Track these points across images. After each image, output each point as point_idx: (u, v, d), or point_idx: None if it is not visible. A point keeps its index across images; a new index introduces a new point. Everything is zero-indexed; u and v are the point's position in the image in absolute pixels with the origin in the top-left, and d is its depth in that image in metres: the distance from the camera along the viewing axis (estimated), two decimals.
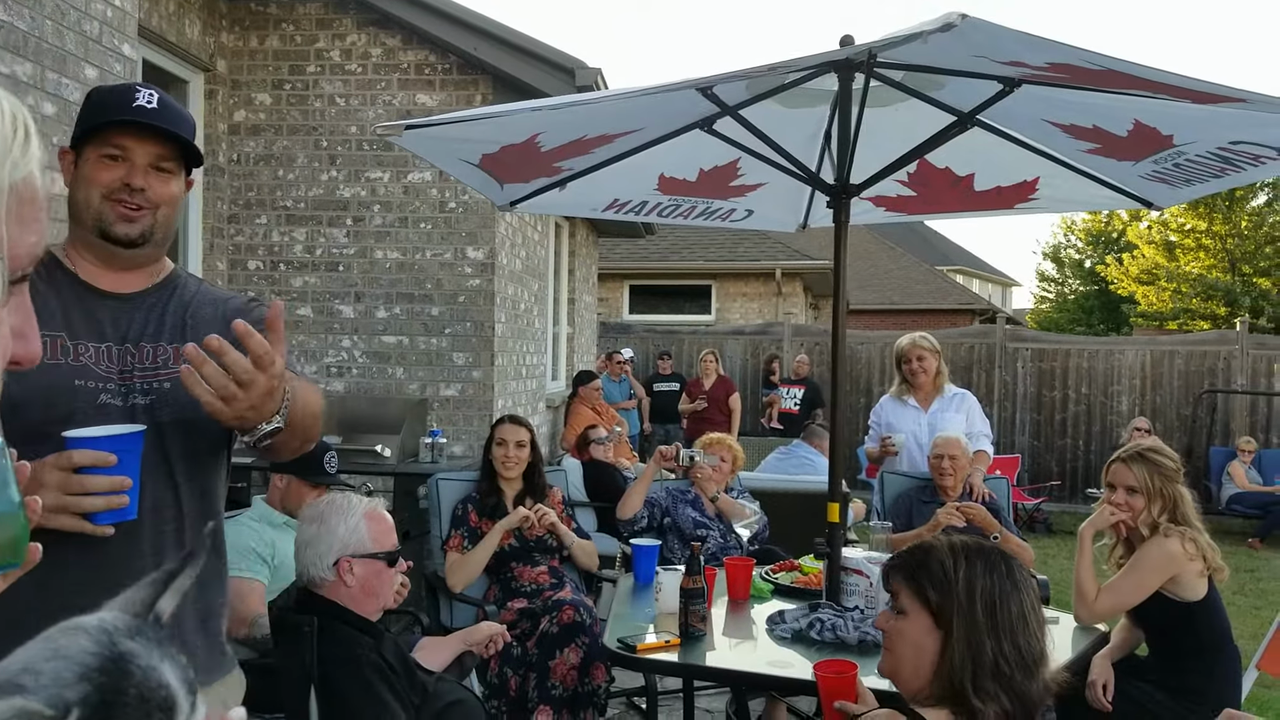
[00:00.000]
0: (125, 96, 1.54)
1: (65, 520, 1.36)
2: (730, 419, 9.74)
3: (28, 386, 1.40)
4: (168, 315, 1.62)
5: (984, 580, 1.64)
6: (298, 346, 5.51)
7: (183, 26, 5.00)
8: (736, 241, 15.62)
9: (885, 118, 3.28)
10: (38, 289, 1.47)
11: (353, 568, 2.22)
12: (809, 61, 2.64)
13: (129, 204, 1.52)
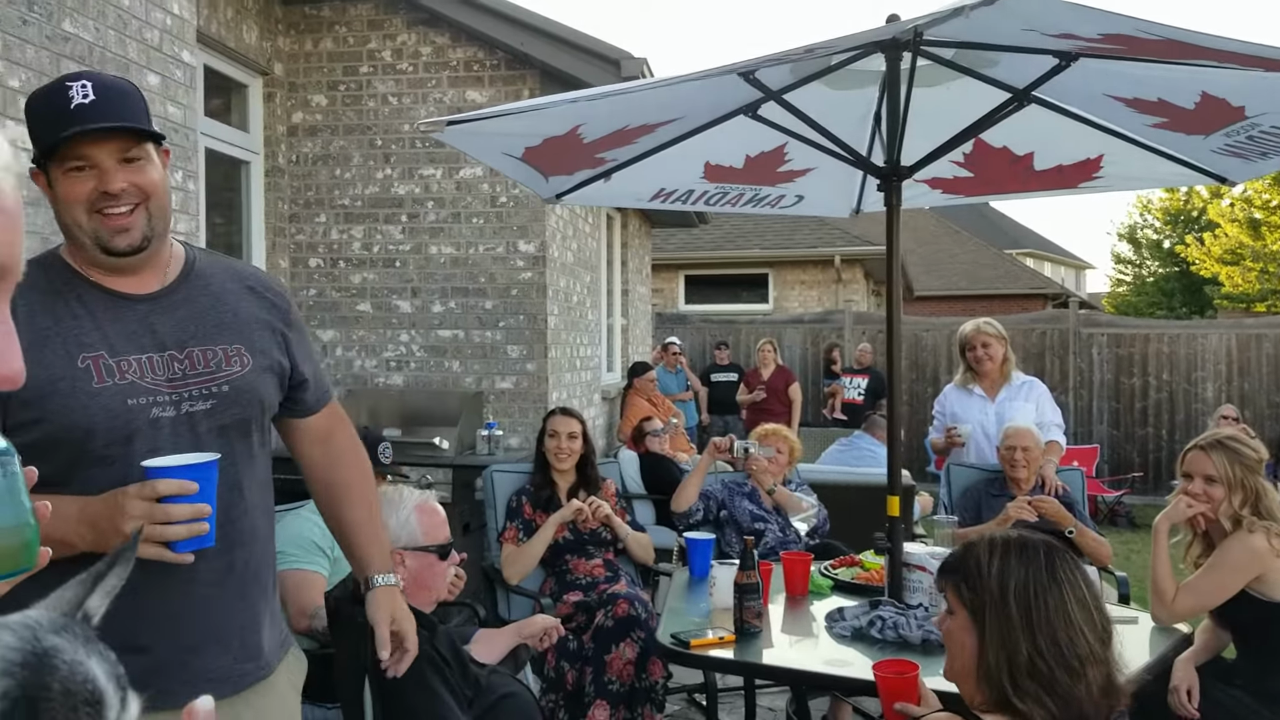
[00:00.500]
0: (59, 99, 1.43)
1: (149, 549, 1.37)
2: (790, 410, 9.63)
3: (86, 416, 1.42)
4: (205, 311, 1.59)
5: (1018, 574, 1.57)
6: (358, 342, 5.59)
7: (241, 32, 5.08)
8: (793, 229, 15.42)
9: (937, 97, 3.19)
10: (67, 306, 1.48)
11: (404, 560, 2.24)
12: (851, 42, 2.57)
13: (115, 211, 1.45)
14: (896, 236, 3.02)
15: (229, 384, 1.57)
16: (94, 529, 1.38)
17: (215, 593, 1.55)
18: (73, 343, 1.45)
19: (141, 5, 3.44)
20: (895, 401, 3.02)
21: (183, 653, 1.52)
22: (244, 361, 1.59)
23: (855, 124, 3.38)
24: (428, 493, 2.41)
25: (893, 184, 3.00)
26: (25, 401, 1.40)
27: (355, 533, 1.82)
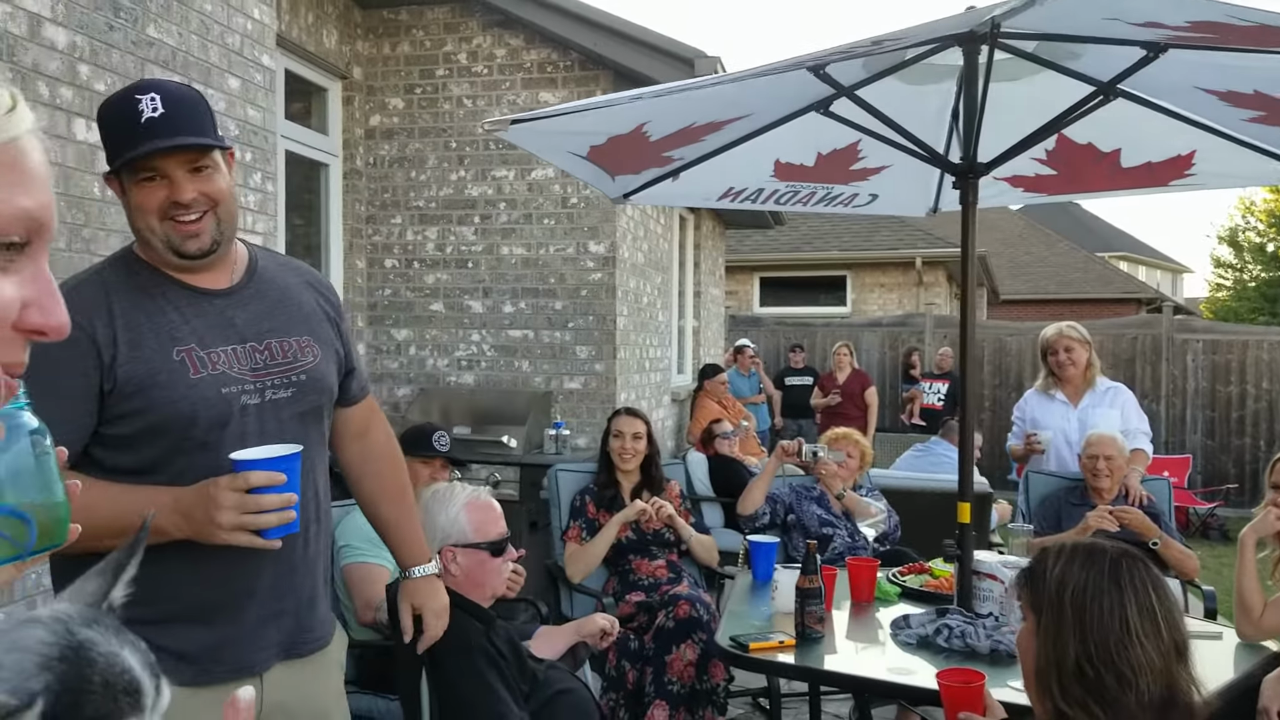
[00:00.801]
0: (130, 111, 1.49)
1: (242, 537, 1.45)
2: (866, 414, 9.45)
3: (186, 405, 1.51)
4: (275, 306, 1.67)
5: (1078, 577, 1.52)
6: (431, 341, 5.67)
7: (321, 37, 5.21)
8: (873, 230, 15.17)
9: (1018, 92, 3.08)
10: (155, 302, 1.56)
11: (456, 557, 2.24)
12: (925, 35, 2.50)
13: (186, 218, 1.52)
14: (972, 236, 2.92)
15: (305, 373, 1.67)
16: (188, 519, 1.46)
17: (287, 568, 1.65)
18: (165, 337, 1.53)
19: (223, 10, 3.54)
20: (968, 406, 2.92)
21: (260, 623, 1.63)
22: (315, 353, 1.69)
23: (931, 120, 3.29)
24: (481, 489, 2.41)
25: (969, 181, 2.91)
26: (127, 394, 1.49)
27: (389, 529, 1.92)
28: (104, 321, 1.49)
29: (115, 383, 1.48)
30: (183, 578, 1.54)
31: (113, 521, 1.41)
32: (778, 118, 3.19)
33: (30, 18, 2.68)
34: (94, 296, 1.51)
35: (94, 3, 2.91)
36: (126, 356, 1.49)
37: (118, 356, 1.49)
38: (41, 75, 2.72)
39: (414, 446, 3.20)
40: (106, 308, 1.51)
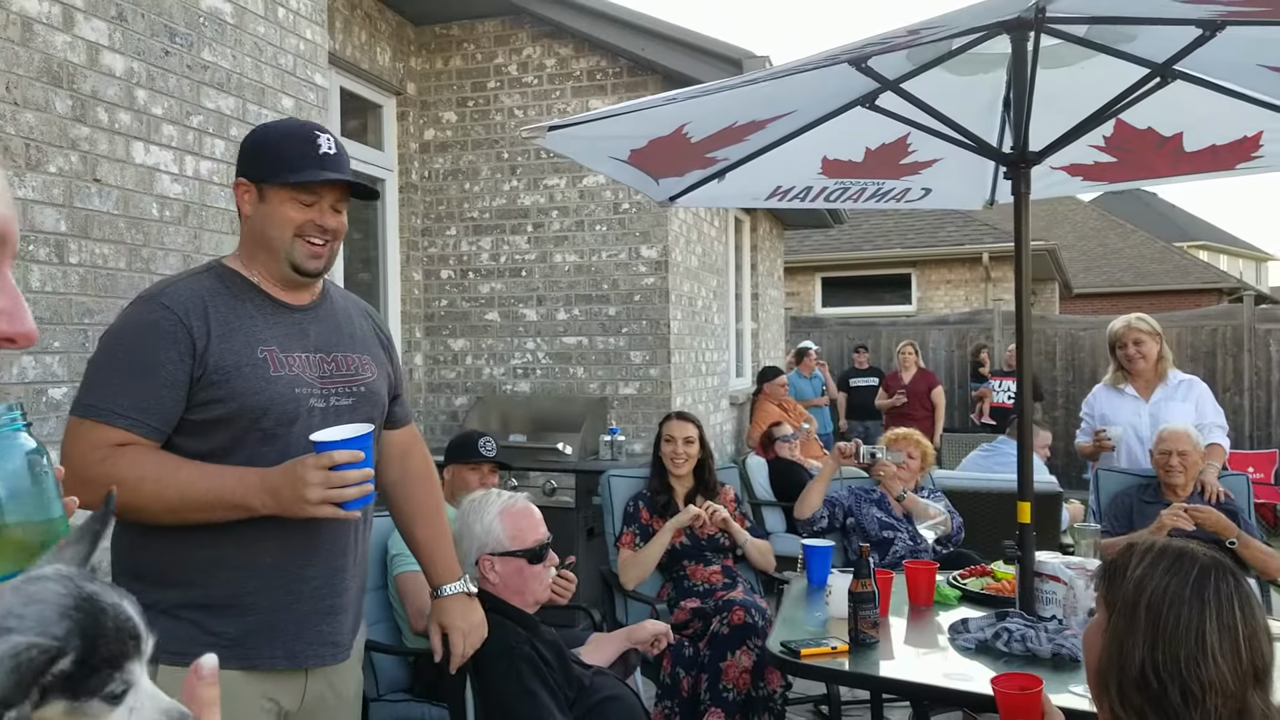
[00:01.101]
0: (310, 144, 1.70)
1: (326, 509, 1.59)
2: (933, 414, 9.26)
3: (264, 397, 1.66)
4: (341, 326, 1.86)
5: (1159, 582, 1.44)
6: (487, 350, 5.72)
7: (374, 54, 5.30)
8: (937, 225, 14.89)
9: (1071, 77, 2.99)
10: (244, 307, 1.71)
11: (494, 565, 2.25)
12: (964, 23, 2.43)
13: (316, 241, 1.72)
14: (1026, 227, 2.84)
15: (364, 386, 1.84)
16: (275, 495, 1.61)
17: (339, 565, 1.79)
18: (252, 336, 1.70)
19: (276, 33, 3.63)
20: (1025, 402, 2.83)
21: (310, 617, 1.75)
22: (373, 370, 1.87)
23: (983, 110, 3.22)
24: (517, 495, 2.41)
25: (1020, 171, 2.82)
26: (214, 382, 1.64)
27: (422, 548, 2.05)
28: (199, 316, 1.66)
29: (204, 370, 1.63)
30: (238, 566, 1.67)
31: (209, 494, 1.61)
32: (822, 114, 3.14)
33: (89, 46, 2.78)
34: (191, 295, 1.68)
35: (150, 29, 3.01)
36: (216, 348, 1.65)
37: (209, 347, 1.64)
38: (100, 101, 2.82)
39: (460, 453, 3.23)
40: (202, 305, 1.67)
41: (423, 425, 5.73)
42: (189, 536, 1.64)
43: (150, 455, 1.62)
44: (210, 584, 1.66)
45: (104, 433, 1.59)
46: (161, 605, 1.65)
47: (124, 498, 1.56)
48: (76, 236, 2.74)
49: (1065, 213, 24.40)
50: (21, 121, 2.56)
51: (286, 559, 1.70)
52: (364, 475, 1.61)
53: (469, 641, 2.01)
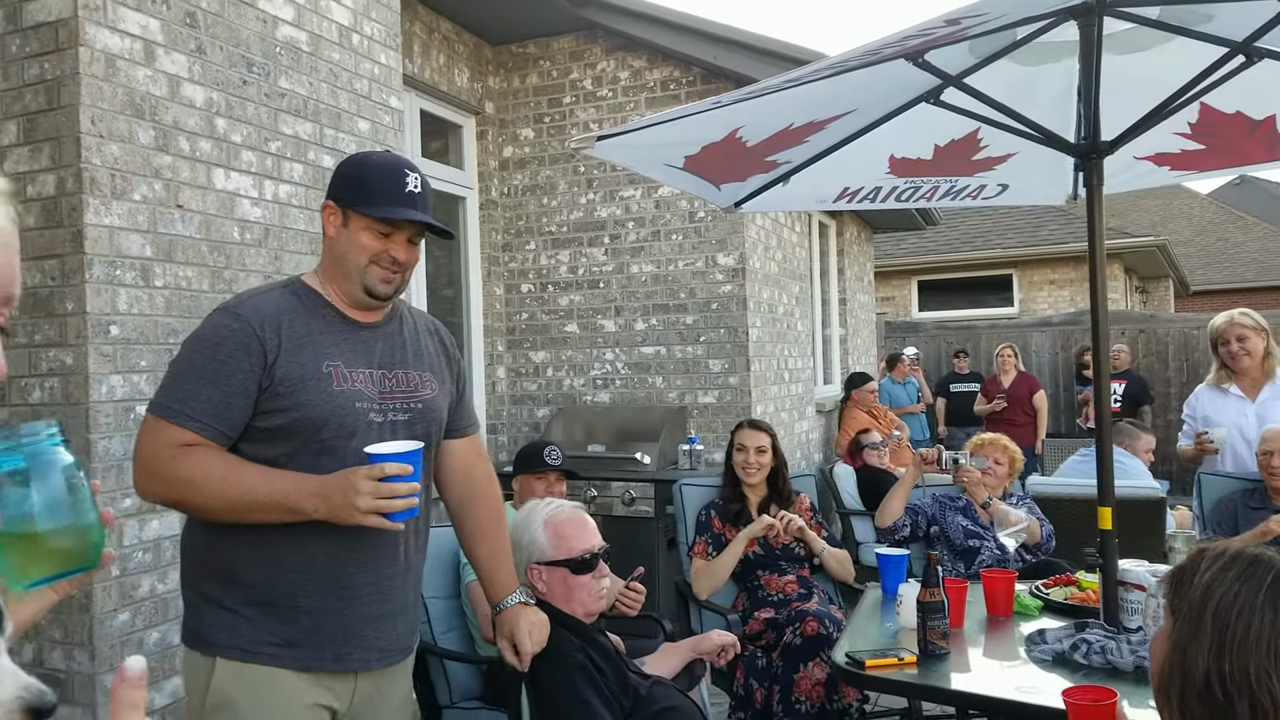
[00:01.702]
0: (398, 179, 1.82)
1: (372, 519, 1.67)
2: (1035, 420, 8.93)
3: (326, 410, 1.76)
4: (407, 344, 1.96)
5: (1229, 587, 1.35)
6: (566, 361, 5.78)
7: (453, 76, 5.44)
8: (1039, 224, 14.39)
9: (1150, 62, 2.85)
10: (315, 323, 1.82)
11: (541, 575, 2.27)
12: (1026, 10, 2.34)
13: (391, 271, 1.83)
14: (1099, 220, 2.71)
15: (422, 403, 1.92)
16: (327, 501, 1.69)
17: (387, 574, 1.86)
18: (320, 351, 1.80)
19: (351, 58, 3.76)
20: (1104, 401, 2.70)
21: (360, 622, 1.83)
22: (433, 387, 1.96)
23: (1056, 101, 3.10)
24: (564, 504, 2.42)
25: (1092, 162, 2.71)
26: (279, 392, 1.75)
27: (481, 565, 2.13)
28: (272, 329, 1.77)
29: (272, 380, 1.74)
30: (294, 569, 1.76)
31: (268, 497, 1.70)
32: (885, 112, 3.08)
33: (170, 79, 2.93)
34: (267, 309, 1.80)
35: (228, 60, 3.15)
36: (285, 360, 1.75)
37: (279, 358, 1.75)
38: (182, 131, 2.97)
39: (527, 463, 3.26)
40: (276, 319, 1.78)
41: (505, 437, 5.82)
42: (251, 538, 1.74)
43: (216, 457, 1.72)
44: (270, 583, 1.76)
45: (175, 432, 1.71)
46: (226, 602, 1.77)
47: (188, 494, 1.71)
48: (161, 260, 2.88)
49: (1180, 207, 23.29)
50: (107, 153, 2.71)
51: (338, 564, 1.79)
52: (411, 489, 1.68)
53: (534, 639, 2.07)
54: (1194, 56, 2.61)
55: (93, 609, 2.69)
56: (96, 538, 0.90)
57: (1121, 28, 2.71)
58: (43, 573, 0.88)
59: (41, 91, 2.68)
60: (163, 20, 2.90)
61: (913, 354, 9.68)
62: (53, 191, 2.69)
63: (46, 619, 2.74)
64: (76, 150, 2.64)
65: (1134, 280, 16.97)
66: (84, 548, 0.89)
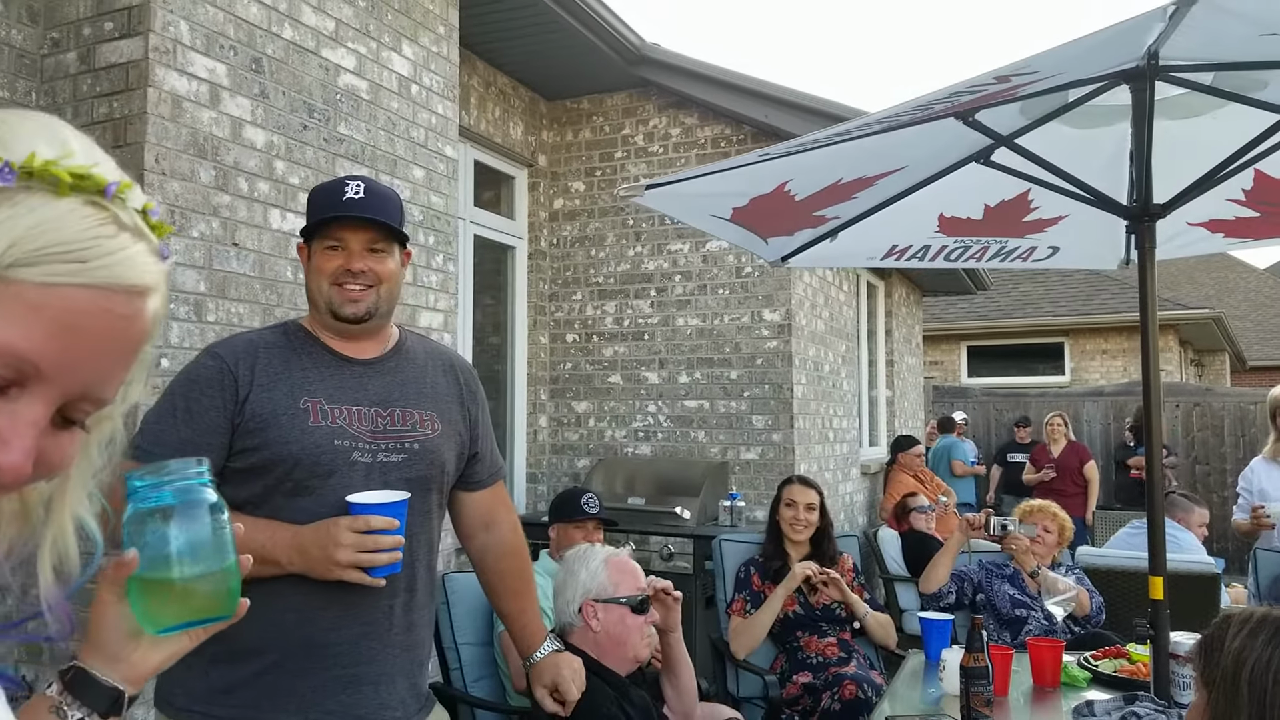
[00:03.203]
0: (336, 192, 1.73)
1: (352, 574, 1.57)
2: (1085, 490, 8.70)
3: (297, 447, 1.64)
4: (408, 381, 1.81)
5: (1261, 653, 1.29)
6: (609, 413, 5.77)
7: (508, 129, 5.55)
8: (1092, 292, 14.20)
9: (1204, 128, 2.83)
10: (298, 358, 1.71)
11: (597, 612, 2.25)
12: (1068, 74, 2.33)
13: (351, 286, 1.71)
14: (1152, 284, 2.66)
15: (419, 443, 1.77)
16: (303, 554, 1.58)
17: (369, 634, 1.71)
18: (298, 387, 1.70)
19: (409, 107, 3.85)
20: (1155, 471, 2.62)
21: (338, 687, 1.67)
22: (434, 427, 1.81)
23: (1107, 165, 3.07)
24: (621, 550, 2.42)
25: (1144, 226, 2.67)
26: (250, 429, 1.64)
27: (511, 621, 2.04)
28: (246, 365, 1.68)
29: (244, 416, 1.65)
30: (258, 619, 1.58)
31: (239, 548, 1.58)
32: (935, 171, 3.07)
33: (233, 121, 3.03)
34: (245, 345, 1.72)
35: (290, 105, 3.25)
36: (257, 396, 1.66)
37: (251, 394, 1.65)
38: (242, 172, 3.05)
39: (565, 511, 3.24)
40: (252, 355, 1.70)
41: (545, 486, 5.81)
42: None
43: None
44: (237, 637, 1.56)
45: None
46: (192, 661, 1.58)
47: None
48: (214, 296, 2.95)
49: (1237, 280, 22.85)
50: (168, 190, 2.80)
51: (309, 619, 1.64)
52: (395, 543, 1.59)
53: (577, 684, 1.98)
54: (1248, 122, 2.58)
55: None
56: (234, 584, 0.84)
57: (1174, 93, 2.69)
58: (176, 619, 0.83)
59: (109, 129, 2.78)
60: (229, 65, 3.01)
61: (960, 419, 9.53)
62: None
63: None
64: (140, 187, 2.72)
65: (1189, 353, 16.62)
66: (221, 595, 0.83)
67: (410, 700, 1.77)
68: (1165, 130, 2.70)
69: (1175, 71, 2.47)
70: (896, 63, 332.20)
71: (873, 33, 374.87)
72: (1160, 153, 2.67)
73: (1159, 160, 2.67)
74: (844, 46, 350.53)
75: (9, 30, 2.88)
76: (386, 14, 3.73)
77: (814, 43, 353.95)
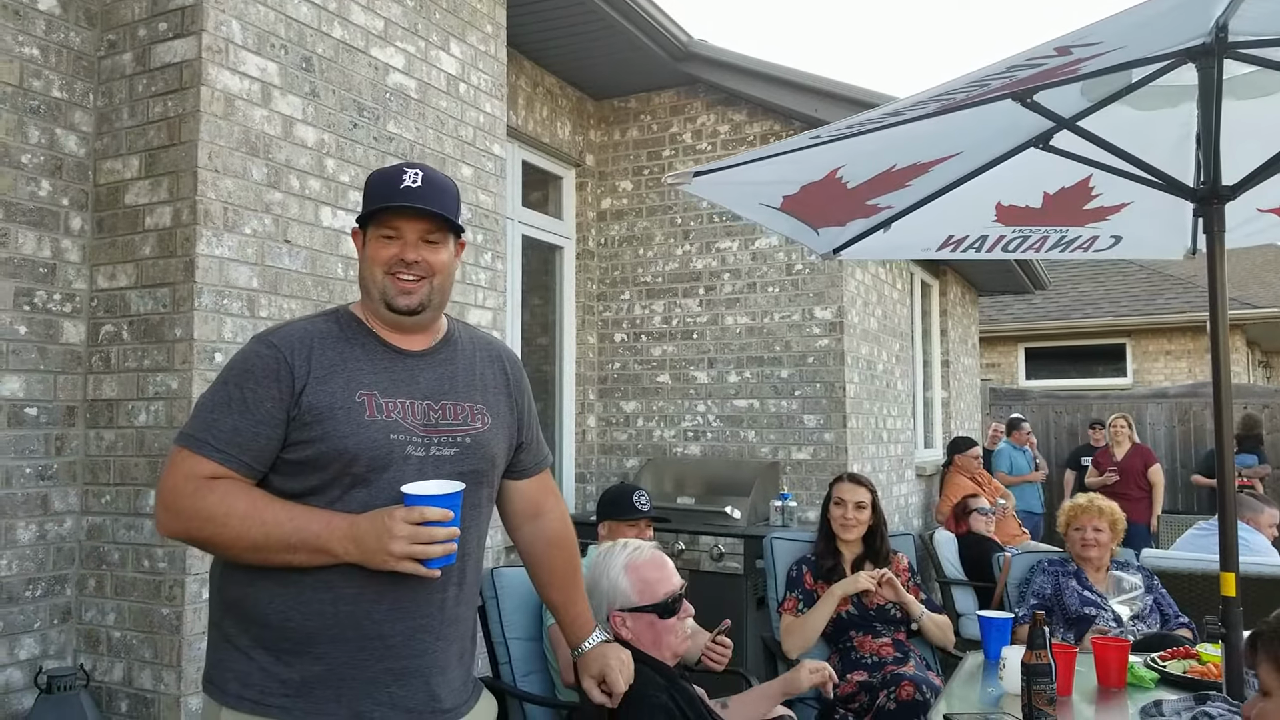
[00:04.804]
0: (394, 179, 1.69)
1: (408, 565, 1.55)
2: (1150, 494, 8.44)
3: (355, 441, 1.62)
4: (458, 373, 1.79)
5: None
6: (658, 412, 5.74)
7: (555, 129, 5.56)
8: (1154, 292, 13.83)
9: (1270, 109, 2.71)
10: (352, 350, 1.70)
11: (625, 622, 2.17)
12: (1133, 51, 2.24)
13: (406, 277, 1.69)
14: (1221, 269, 2.54)
15: (471, 437, 1.75)
16: (358, 544, 1.57)
17: (421, 626, 1.69)
18: (353, 380, 1.66)
19: (457, 106, 3.87)
20: (1226, 463, 2.51)
21: (383, 676, 1.65)
22: (484, 420, 1.79)
23: (1173, 148, 2.96)
24: (641, 546, 2.31)
25: (1213, 208, 2.56)
26: (307, 422, 1.61)
27: (558, 610, 2.00)
28: (302, 357, 1.64)
29: (300, 409, 1.61)
30: (314, 612, 1.62)
31: (294, 535, 1.57)
32: (992, 157, 2.99)
33: (284, 120, 3.06)
34: (300, 336, 1.68)
35: (340, 104, 3.28)
36: (314, 388, 1.63)
37: (308, 386, 1.62)
38: (293, 169, 3.08)
39: (615, 509, 3.20)
40: (308, 346, 1.66)
41: (594, 486, 5.79)
42: (271, 574, 1.61)
43: (241, 491, 1.59)
44: (285, 625, 1.61)
45: (198, 463, 1.59)
46: (240, 642, 1.63)
47: (211, 532, 1.59)
48: (267, 292, 2.98)
49: None
50: (221, 187, 2.83)
51: (364, 610, 1.62)
52: (450, 534, 1.57)
53: (625, 675, 1.95)
54: None
55: (182, 630, 2.73)
56: None
57: (1242, 71, 2.58)
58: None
59: (164, 128, 2.82)
60: (280, 64, 3.04)
61: (1025, 428, 9.29)
62: (169, 223, 2.82)
63: (138, 638, 2.80)
64: (193, 184, 2.76)
65: (1257, 354, 16.09)
66: None
67: (460, 690, 1.77)
68: (1231, 110, 2.59)
69: (1244, 48, 2.37)
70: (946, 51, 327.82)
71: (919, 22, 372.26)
72: (1228, 134, 2.56)
73: (1226, 143, 2.57)
74: (889, 37, 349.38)
75: (67, 33, 2.95)
76: (435, 13, 3.75)
77: (861, 35, 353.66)
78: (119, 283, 2.93)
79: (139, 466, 2.86)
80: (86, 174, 3.00)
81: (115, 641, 2.85)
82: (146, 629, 2.79)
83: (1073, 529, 3.68)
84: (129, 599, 2.84)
